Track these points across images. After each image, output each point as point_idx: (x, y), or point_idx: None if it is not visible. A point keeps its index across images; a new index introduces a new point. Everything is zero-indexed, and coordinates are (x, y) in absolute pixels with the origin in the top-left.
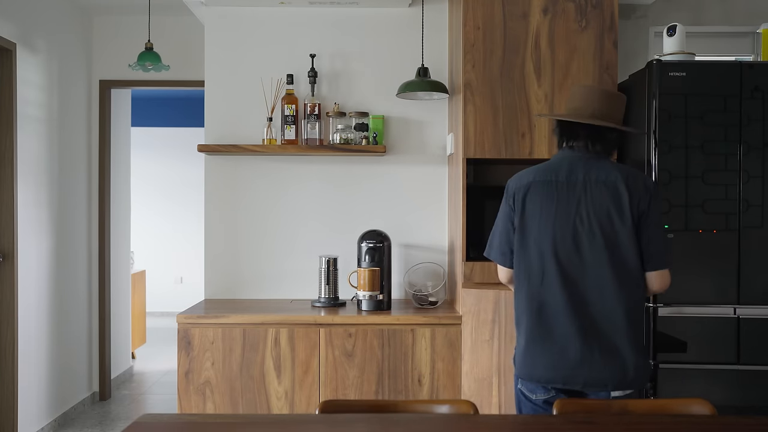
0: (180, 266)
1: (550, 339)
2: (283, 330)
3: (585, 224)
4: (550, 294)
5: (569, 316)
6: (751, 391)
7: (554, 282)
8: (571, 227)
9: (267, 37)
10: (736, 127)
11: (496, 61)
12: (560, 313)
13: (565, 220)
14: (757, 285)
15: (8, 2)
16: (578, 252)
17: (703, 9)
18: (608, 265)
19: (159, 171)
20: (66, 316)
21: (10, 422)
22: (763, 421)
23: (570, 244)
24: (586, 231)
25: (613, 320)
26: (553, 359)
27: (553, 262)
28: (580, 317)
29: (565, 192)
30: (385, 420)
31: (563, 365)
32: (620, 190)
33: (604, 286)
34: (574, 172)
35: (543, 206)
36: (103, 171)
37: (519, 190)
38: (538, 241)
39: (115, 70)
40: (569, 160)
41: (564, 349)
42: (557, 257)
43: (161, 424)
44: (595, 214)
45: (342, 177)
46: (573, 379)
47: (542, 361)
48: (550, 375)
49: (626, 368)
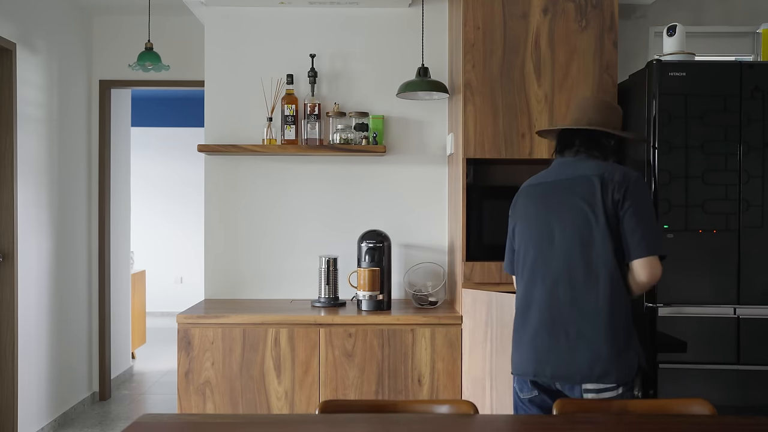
0: (180, 266)
1: (526, 333)
2: (283, 330)
3: (559, 222)
4: (529, 292)
5: (540, 311)
6: (751, 391)
7: (532, 280)
8: (546, 226)
9: (267, 37)
10: (736, 127)
11: (496, 61)
12: (534, 308)
13: (544, 220)
14: (757, 285)
15: (8, 2)
16: (552, 249)
17: (703, 9)
18: (579, 260)
19: (159, 171)
20: (66, 316)
21: (10, 422)
22: (763, 421)
23: (546, 242)
24: (559, 228)
25: (584, 314)
26: (527, 352)
27: (536, 261)
28: (548, 311)
29: (548, 193)
30: (385, 420)
31: (533, 357)
32: (594, 183)
33: (574, 281)
34: (560, 175)
35: (528, 209)
36: (103, 171)
37: (515, 198)
38: (524, 242)
39: (115, 70)
40: (558, 165)
41: (534, 342)
42: (538, 256)
43: (161, 424)
44: (569, 210)
45: (342, 177)
46: (542, 371)
47: (519, 354)
48: (524, 367)
49: (593, 360)
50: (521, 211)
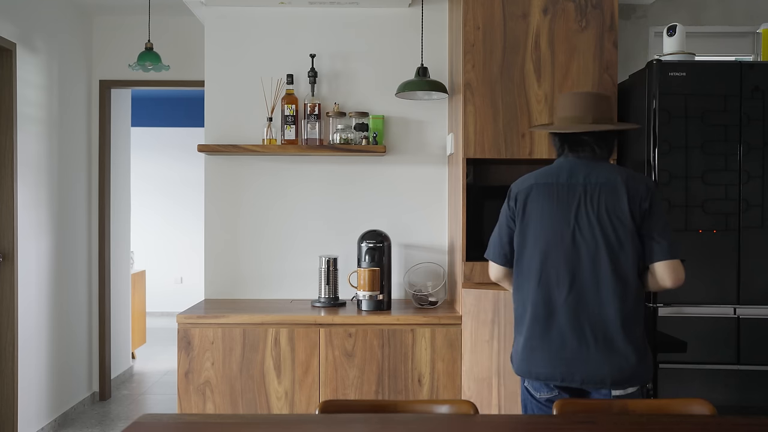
0: (180, 266)
1: (548, 337)
2: (283, 330)
3: (584, 225)
4: (550, 293)
5: (566, 315)
6: (751, 391)
7: (553, 281)
8: (570, 228)
9: (267, 37)
10: (736, 127)
11: (496, 61)
12: (558, 311)
13: (564, 221)
14: (757, 285)
15: (8, 2)
16: (577, 252)
17: (703, 9)
18: (606, 264)
19: (159, 171)
20: (66, 316)
21: (10, 422)
22: (763, 421)
23: (569, 244)
24: (585, 232)
25: (611, 318)
26: (552, 356)
27: (553, 262)
28: (577, 315)
29: (566, 194)
30: (385, 420)
31: (560, 362)
32: (620, 192)
33: (601, 285)
34: (575, 175)
35: (543, 208)
36: (103, 171)
37: (521, 192)
38: (538, 241)
39: (115, 70)
40: (571, 164)
41: (561, 347)
42: (556, 257)
43: (161, 424)
44: (595, 215)
45: (342, 177)
46: (570, 376)
47: (541, 358)
48: (549, 372)
49: (623, 365)
50: (534, 209)
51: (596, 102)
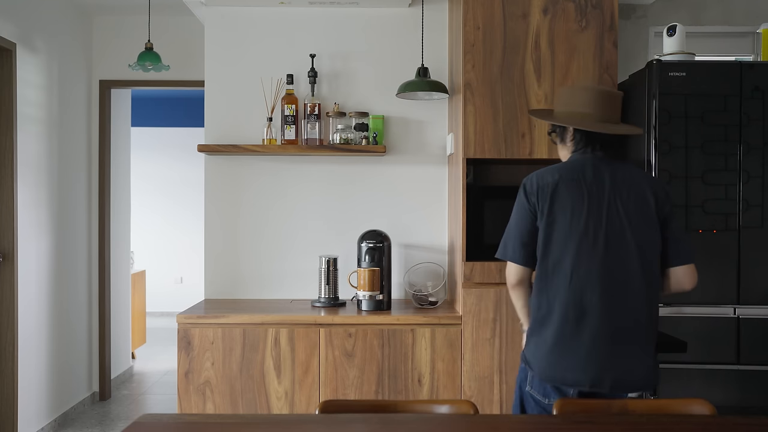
0: (180, 266)
1: (580, 340)
2: (283, 330)
3: (616, 225)
4: (583, 293)
5: (600, 317)
6: (751, 391)
7: (587, 282)
8: (603, 227)
9: (267, 37)
10: (736, 127)
11: (496, 61)
12: (590, 314)
13: (597, 220)
14: (757, 285)
15: (8, 2)
16: (609, 252)
17: (703, 9)
18: (638, 266)
19: (159, 171)
20: (66, 316)
21: (10, 422)
22: (763, 421)
23: (602, 244)
24: (617, 232)
25: (640, 321)
26: (583, 361)
27: (585, 262)
28: (610, 318)
29: (595, 192)
30: (385, 420)
31: (593, 367)
32: (647, 195)
33: (632, 287)
34: (600, 173)
35: (574, 205)
36: (103, 171)
37: (544, 188)
38: (569, 240)
39: (115, 70)
40: (592, 162)
41: (594, 351)
42: (589, 257)
43: (161, 424)
44: (626, 215)
45: (342, 177)
46: (601, 381)
47: (571, 362)
48: (580, 377)
49: (648, 370)
50: (563, 206)
51: (610, 100)
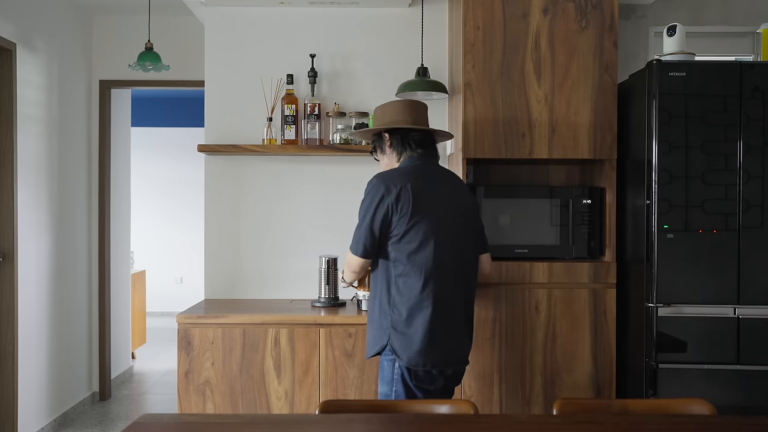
0: (180, 266)
1: (450, 327)
2: (283, 330)
3: (461, 223)
4: (447, 286)
5: (458, 306)
6: (751, 391)
7: (448, 275)
8: (450, 224)
9: (267, 37)
10: (736, 127)
11: (496, 61)
12: (452, 303)
13: (449, 219)
14: (757, 285)
15: (8, 2)
16: (458, 247)
17: (703, 9)
18: (472, 259)
19: (159, 171)
20: (66, 316)
21: (10, 422)
22: (763, 421)
23: (452, 240)
24: (461, 229)
25: (472, 306)
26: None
27: (439, 256)
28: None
29: (446, 194)
30: (385, 420)
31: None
32: (468, 193)
33: (470, 276)
34: (441, 174)
35: (433, 204)
36: (103, 171)
37: (403, 191)
38: (430, 238)
39: (115, 70)
40: (428, 163)
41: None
42: (442, 252)
43: (161, 424)
44: (462, 214)
45: (342, 177)
46: (457, 358)
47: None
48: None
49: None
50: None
51: (424, 108)
